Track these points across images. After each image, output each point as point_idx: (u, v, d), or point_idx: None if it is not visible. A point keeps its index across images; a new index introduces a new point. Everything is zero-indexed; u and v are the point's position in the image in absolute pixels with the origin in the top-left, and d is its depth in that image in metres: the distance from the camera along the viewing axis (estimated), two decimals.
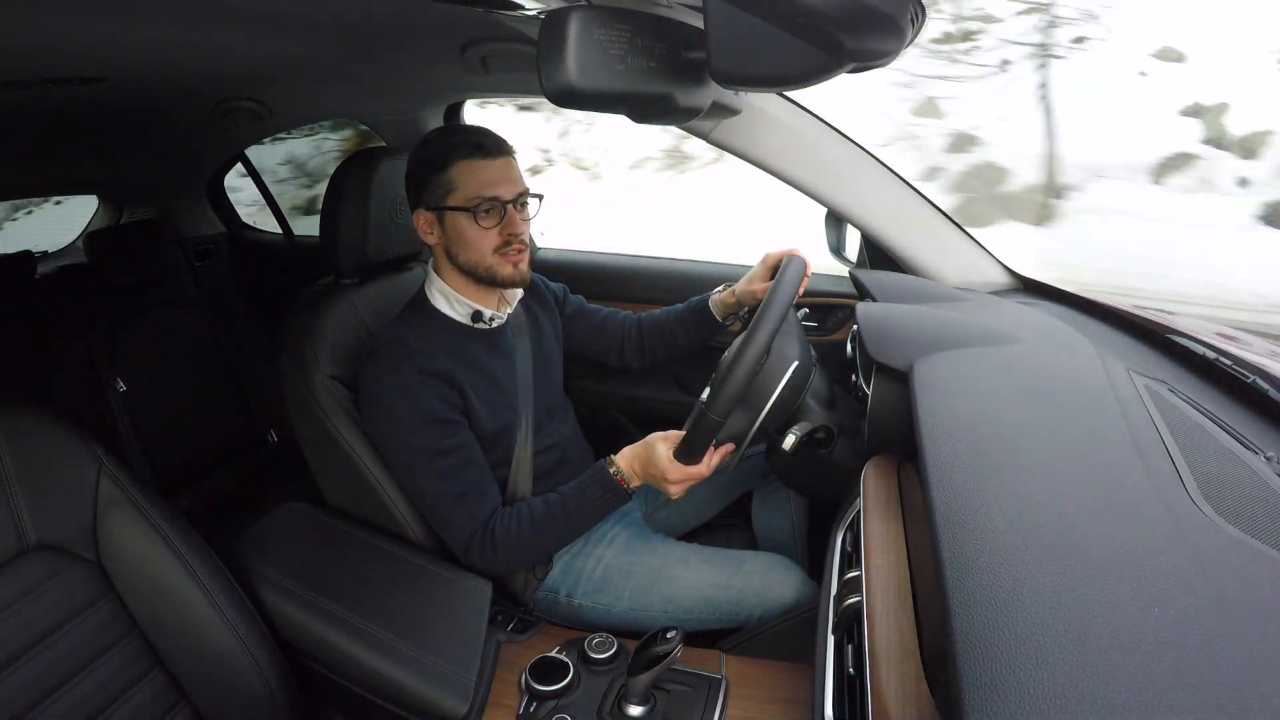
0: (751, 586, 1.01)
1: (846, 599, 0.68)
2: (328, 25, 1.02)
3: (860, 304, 1.07)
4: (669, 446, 0.90)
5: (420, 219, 1.00)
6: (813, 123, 1.23)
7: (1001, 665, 0.41)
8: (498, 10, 0.78)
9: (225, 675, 0.85)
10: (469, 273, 1.00)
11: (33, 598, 0.76)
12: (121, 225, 2.19)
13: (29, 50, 0.90)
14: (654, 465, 0.90)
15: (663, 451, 0.90)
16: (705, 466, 0.90)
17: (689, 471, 0.89)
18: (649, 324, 1.28)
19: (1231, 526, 0.53)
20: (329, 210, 1.07)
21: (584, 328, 1.27)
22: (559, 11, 0.59)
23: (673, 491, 0.91)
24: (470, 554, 0.96)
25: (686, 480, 0.90)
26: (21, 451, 0.78)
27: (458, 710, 0.80)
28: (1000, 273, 1.32)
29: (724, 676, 0.84)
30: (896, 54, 0.64)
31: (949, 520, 0.55)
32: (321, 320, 1.05)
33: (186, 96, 1.43)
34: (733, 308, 1.19)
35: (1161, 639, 0.42)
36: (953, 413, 0.71)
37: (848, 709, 0.61)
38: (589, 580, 1.06)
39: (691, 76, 0.73)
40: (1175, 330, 0.95)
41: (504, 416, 1.03)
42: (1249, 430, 0.71)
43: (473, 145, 0.96)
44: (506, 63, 1.18)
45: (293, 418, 1.09)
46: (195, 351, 2.16)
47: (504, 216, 0.97)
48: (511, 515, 0.96)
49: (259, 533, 1.04)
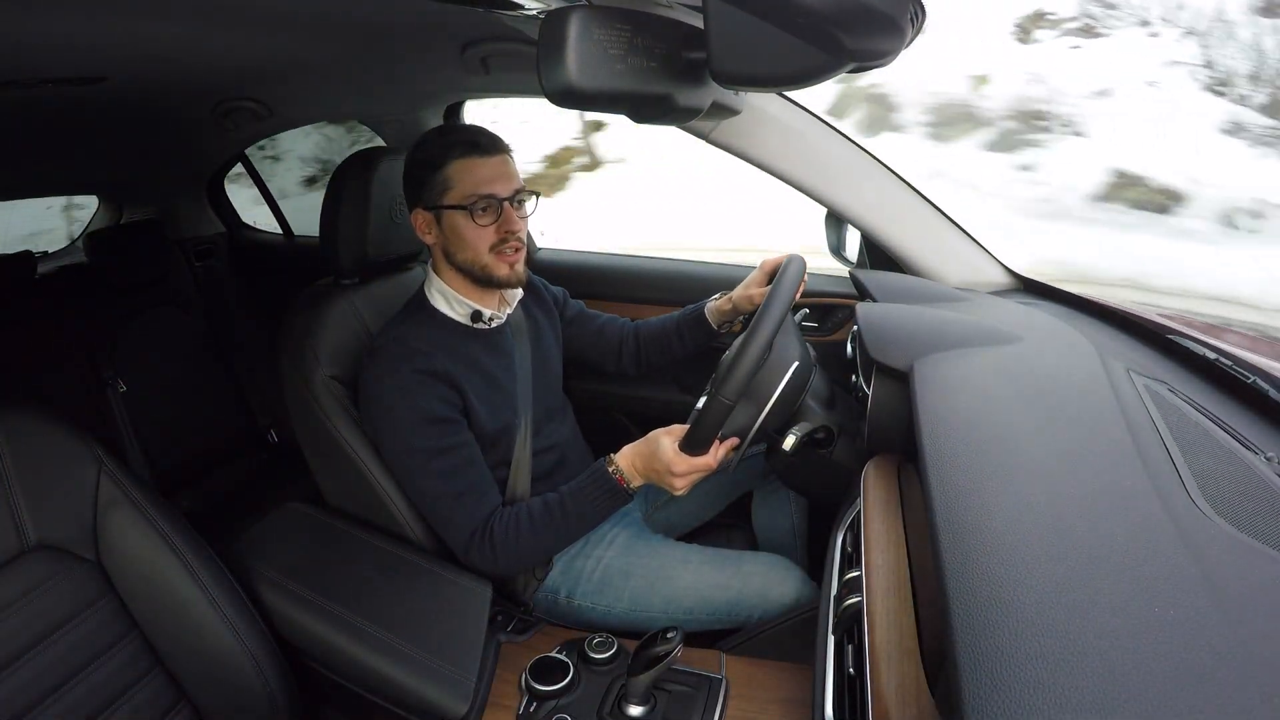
0: (751, 587, 1.01)
1: (846, 599, 0.68)
2: (328, 25, 1.02)
3: (860, 304, 1.07)
4: (673, 440, 0.89)
5: (418, 219, 1.00)
6: (813, 123, 1.23)
7: (1001, 665, 0.41)
8: (498, 10, 0.78)
9: (225, 675, 0.84)
10: (466, 272, 1.00)
11: (33, 598, 0.76)
12: (121, 225, 2.19)
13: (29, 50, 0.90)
14: (658, 459, 0.90)
15: (667, 445, 0.89)
16: (711, 458, 0.89)
17: (695, 463, 0.89)
18: (645, 331, 1.28)
19: (1231, 526, 0.53)
20: (329, 210, 1.07)
21: (582, 333, 1.27)
22: (559, 11, 0.59)
23: (677, 486, 0.90)
24: (470, 554, 0.96)
25: (692, 473, 0.89)
26: (22, 451, 0.78)
27: (458, 710, 0.80)
28: (1000, 273, 1.32)
29: (724, 676, 0.84)
30: (896, 54, 0.64)
31: (949, 520, 0.55)
32: (321, 320, 1.05)
33: (186, 96, 1.43)
34: (729, 315, 1.20)
35: (1161, 639, 0.42)
36: (953, 413, 0.71)
37: (848, 709, 0.61)
38: (589, 581, 1.05)
39: (691, 76, 0.73)
40: (1175, 330, 0.95)
41: (503, 417, 1.03)
42: (1249, 430, 0.71)
43: (468, 143, 0.96)
44: (507, 63, 1.18)
45: (293, 418, 1.09)
46: (195, 351, 2.16)
47: (500, 214, 0.97)
48: (510, 516, 0.96)
49: (259, 533, 1.04)
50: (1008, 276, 1.32)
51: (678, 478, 0.89)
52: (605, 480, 0.94)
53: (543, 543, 0.97)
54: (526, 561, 0.99)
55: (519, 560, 0.97)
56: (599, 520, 0.97)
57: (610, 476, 0.94)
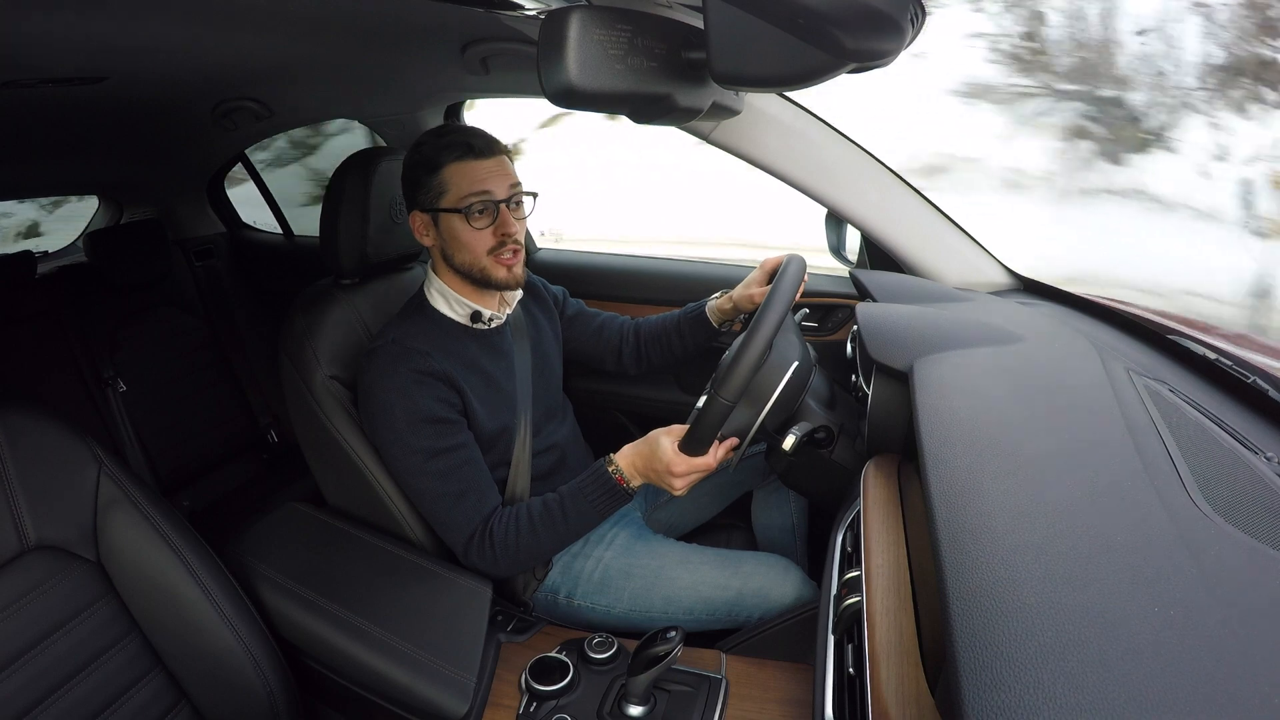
0: (751, 587, 1.01)
1: (846, 599, 0.68)
2: (328, 25, 1.02)
3: (860, 304, 1.07)
4: (673, 440, 0.89)
5: (416, 221, 1.00)
6: (813, 123, 1.23)
7: (1001, 665, 0.41)
8: (498, 10, 0.79)
9: (225, 675, 0.84)
10: (465, 274, 1.00)
11: (33, 598, 0.76)
12: (122, 225, 2.18)
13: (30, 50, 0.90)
14: (657, 459, 0.90)
15: (667, 445, 0.89)
16: (711, 458, 0.89)
17: (694, 463, 0.89)
18: (646, 330, 1.28)
19: (1231, 526, 0.53)
20: (328, 211, 1.07)
21: (583, 331, 1.27)
22: (559, 11, 0.59)
23: (677, 486, 0.90)
24: (469, 555, 0.96)
25: (691, 473, 0.89)
26: (22, 451, 0.78)
27: (458, 710, 0.80)
28: (1000, 273, 1.32)
29: (724, 676, 0.84)
30: (896, 54, 0.64)
31: (949, 520, 0.55)
32: (321, 320, 1.05)
33: (187, 96, 1.43)
34: (730, 314, 1.20)
35: (1161, 639, 0.42)
36: (953, 413, 0.71)
37: (848, 709, 0.61)
38: (588, 581, 1.05)
39: (692, 77, 0.73)
40: (1175, 330, 0.95)
41: (502, 417, 1.03)
42: (1249, 430, 0.71)
43: (463, 146, 0.95)
44: (507, 63, 1.18)
45: (292, 418, 1.09)
46: (195, 351, 2.16)
47: (496, 216, 0.97)
48: (510, 516, 0.96)
49: (259, 533, 1.04)
50: (1008, 276, 1.32)
51: (677, 478, 0.89)
52: (605, 480, 0.94)
53: (542, 543, 0.96)
54: (526, 562, 0.99)
55: (518, 560, 0.97)
56: (599, 520, 0.97)
57: (610, 476, 0.94)
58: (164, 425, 2.01)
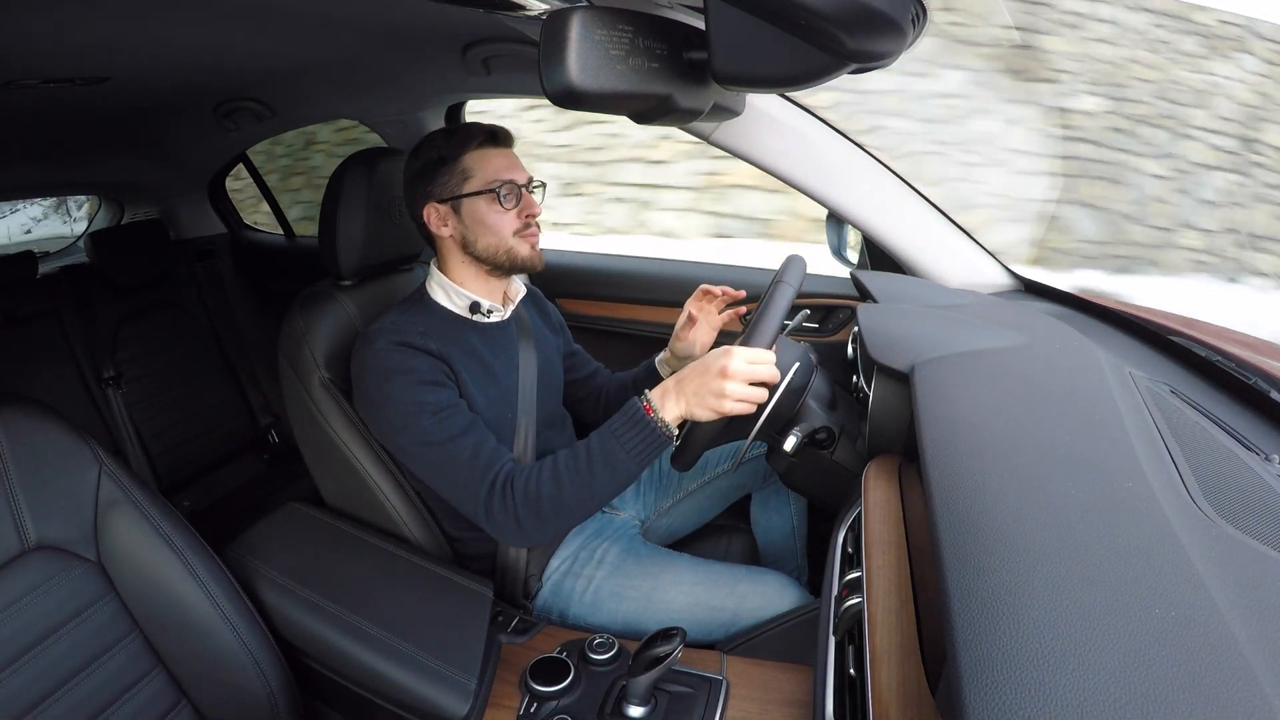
0: (746, 608, 0.99)
1: (847, 600, 0.68)
2: (329, 26, 1.02)
3: (861, 305, 1.07)
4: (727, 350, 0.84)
5: (431, 213, 1.00)
6: (813, 123, 1.23)
7: (1002, 666, 0.41)
8: (499, 11, 0.79)
9: (225, 675, 0.84)
10: (487, 259, 1.01)
11: (33, 598, 0.76)
12: (123, 225, 2.19)
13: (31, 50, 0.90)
14: (711, 360, 0.83)
15: (720, 349, 0.84)
16: (773, 354, 0.84)
17: (758, 353, 0.83)
18: (612, 386, 1.29)
19: (1232, 527, 0.53)
20: (327, 212, 1.07)
21: (576, 366, 1.28)
22: (560, 12, 0.59)
23: (729, 393, 0.81)
24: (492, 510, 0.89)
25: (754, 367, 0.82)
26: (22, 451, 0.78)
27: (458, 711, 0.80)
28: (1001, 273, 1.32)
29: (724, 677, 0.84)
30: (897, 55, 0.64)
31: (950, 521, 0.54)
32: (319, 322, 1.05)
33: (188, 97, 1.44)
34: (677, 364, 1.19)
35: (1162, 639, 0.42)
36: (954, 414, 0.71)
37: (848, 710, 0.61)
38: (580, 603, 1.04)
39: (693, 77, 0.73)
40: (1175, 330, 0.95)
41: (500, 410, 1.02)
42: (1250, 431, 0.71)
43: (486, 134, 1.00)
44: (508, 64, 1.18)
45: (291, 418, 1.09)
46: (196, 352, 2.16)
47: (520, 199, 1.00)
48: (534, 467, 0.90)
49: (259, 533, 1.04)
50: (1008, 277, 1.32)
51: (730, 379, 0.81)
52: (633, 412, 0.86)
53: (566, 492, 0.87)
54: (550, 517, 0.89)
55: (541, 515, 0.88)
56: (630, 465, 0.86)
57: (637, 406, 0.86)
58: (165, 425, 2.01)
